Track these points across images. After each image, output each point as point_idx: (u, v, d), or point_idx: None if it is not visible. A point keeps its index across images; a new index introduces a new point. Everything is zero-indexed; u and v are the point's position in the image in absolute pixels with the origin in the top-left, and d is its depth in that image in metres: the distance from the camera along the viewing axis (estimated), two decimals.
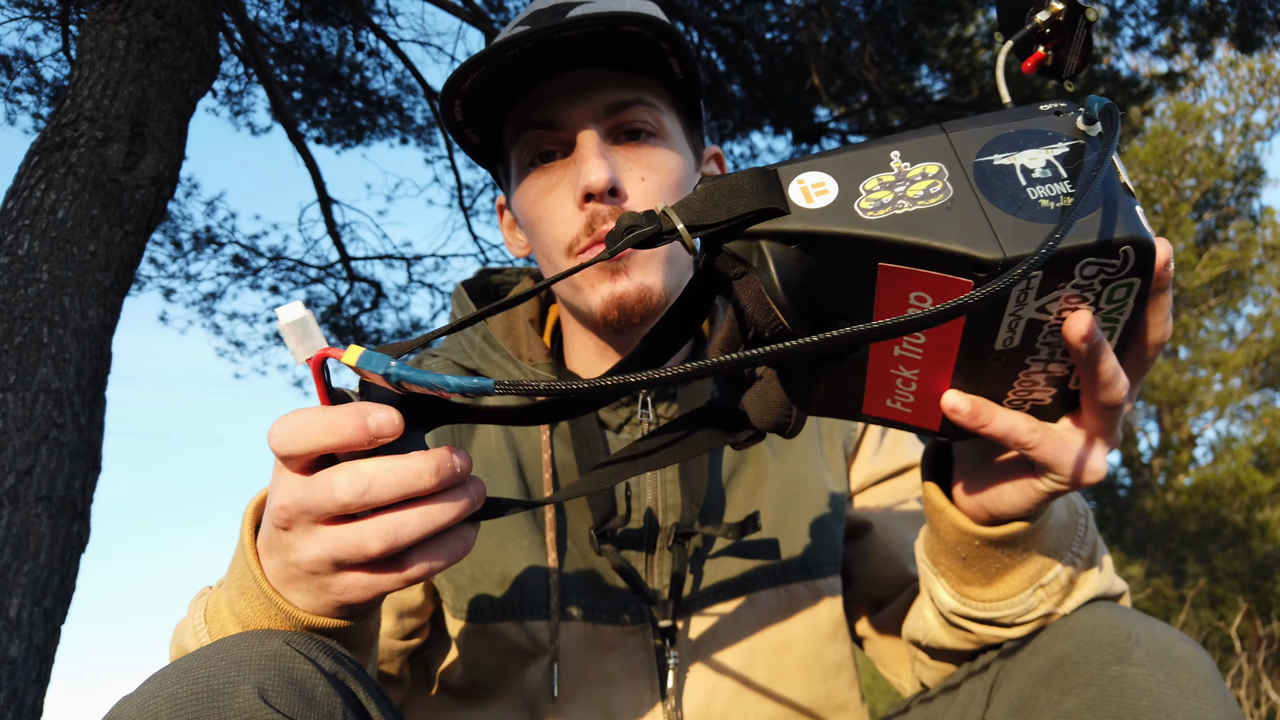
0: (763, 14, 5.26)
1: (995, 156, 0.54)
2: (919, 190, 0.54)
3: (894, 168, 0.55)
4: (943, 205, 0.53)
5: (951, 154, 0.55)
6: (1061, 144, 0.54)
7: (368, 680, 0.67)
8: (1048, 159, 0.54)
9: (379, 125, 6.03)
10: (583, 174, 0.84)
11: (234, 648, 0.60)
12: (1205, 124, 13.74)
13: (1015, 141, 0.54)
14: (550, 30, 0.79)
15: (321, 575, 0.59)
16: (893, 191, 0.54)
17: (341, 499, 0.54)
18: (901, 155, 0.55)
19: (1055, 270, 0.52)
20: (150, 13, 3.10)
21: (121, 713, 0.58)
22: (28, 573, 2.55)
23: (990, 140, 0.55)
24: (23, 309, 2.71)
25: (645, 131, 0.89)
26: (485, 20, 4.64)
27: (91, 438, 2.78)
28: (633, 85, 0.88)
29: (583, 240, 0.86)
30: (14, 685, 2.49)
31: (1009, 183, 0.53)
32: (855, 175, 0.55)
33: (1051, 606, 0.75)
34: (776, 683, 0.92)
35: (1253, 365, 13.48)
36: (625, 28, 0.81)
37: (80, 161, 2.89)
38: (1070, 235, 0.51)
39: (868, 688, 10.43)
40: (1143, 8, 5.22)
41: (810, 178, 0.55)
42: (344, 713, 0.61)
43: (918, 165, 0.55)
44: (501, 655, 0.90)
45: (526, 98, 0.88)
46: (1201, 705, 0.65)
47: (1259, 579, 10.92)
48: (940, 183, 0.54)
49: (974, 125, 0.56)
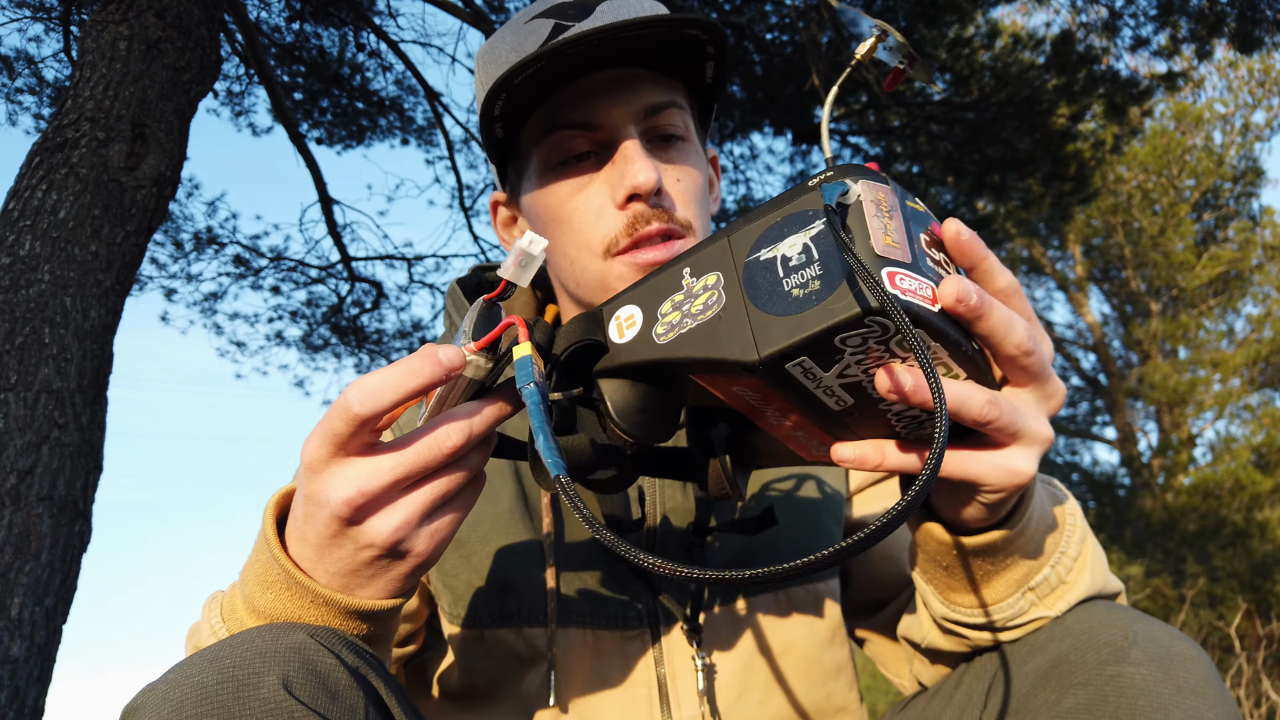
0: (763, 14, 5.27)
1: (762, 252, 0.58)
2: (699, 305, 0.60)
3: (684, 285, 0.61)
4: (716, 316, 0.58)
5: (729, 259, 0.59)
6: (817, 224, 0.56)
7: (388, 676, 0.68)
8: (804, 242, 0.56)
9: (380, 126, 6.03)
10: (630, 174, 0.82)
11: (259, 639, 0.61)
12: (1205, 124, 13.73)
13: (781, 231, 0.57)
14: (620, 28, 0.77)
15: (399, 545, 0.62)
16: (680, 311, 0.60)
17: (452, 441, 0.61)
18: (690, 271, 0.61)
19: (820, 351, 0.56)
20: (151, 13, 3.10)
21: (146, 700, 0.59)
22: (29, 572, 2.55)
23: (760, 235, 0.58)
24: (24, 309, 2.71)
25: (677, 137, 0.88)
26: (486, 21, 4.65)
27: (93, 438, 2.78)
28: (666, 87, 0.87)
29: (622, 241, 0.84)
30: (15, 685, 2.49)
31: (770, 278, 0.57)
32: (654, 301, 0.62)
33: (1044, 609, 0.75)
34: (776, 686, 0.92)
35: (1252, 365, 13.47)
36: (689, 31, 0.80)
37: (81, 162, 2.89)
38: (806, 325, 0.54)
39: (867, 688, 10.42)
40: (1142, 8, 5.22)
41: (624, 312, 0.64)
42: (366, 707, 0.62)
43: (701, 278, 0.60)
44: (499, 662, 0.90)
45: (556, 95, 0.85)
46: (1199, 704, 0.65)
47: (1258, 579, 10.91)
48: (717, 293, 0.59)
49: (753, 220, 0.59)
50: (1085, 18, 5.43)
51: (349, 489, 0.59)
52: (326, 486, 0.59)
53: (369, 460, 0.60)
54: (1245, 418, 13.75)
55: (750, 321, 0.56)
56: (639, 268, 0.84)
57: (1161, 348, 14.27)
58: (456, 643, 0.91)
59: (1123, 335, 15.09)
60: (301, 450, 0.61)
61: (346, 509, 0.59)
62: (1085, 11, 5.40)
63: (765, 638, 0.92)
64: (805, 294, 0.55)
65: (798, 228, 0.56)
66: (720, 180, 1.04)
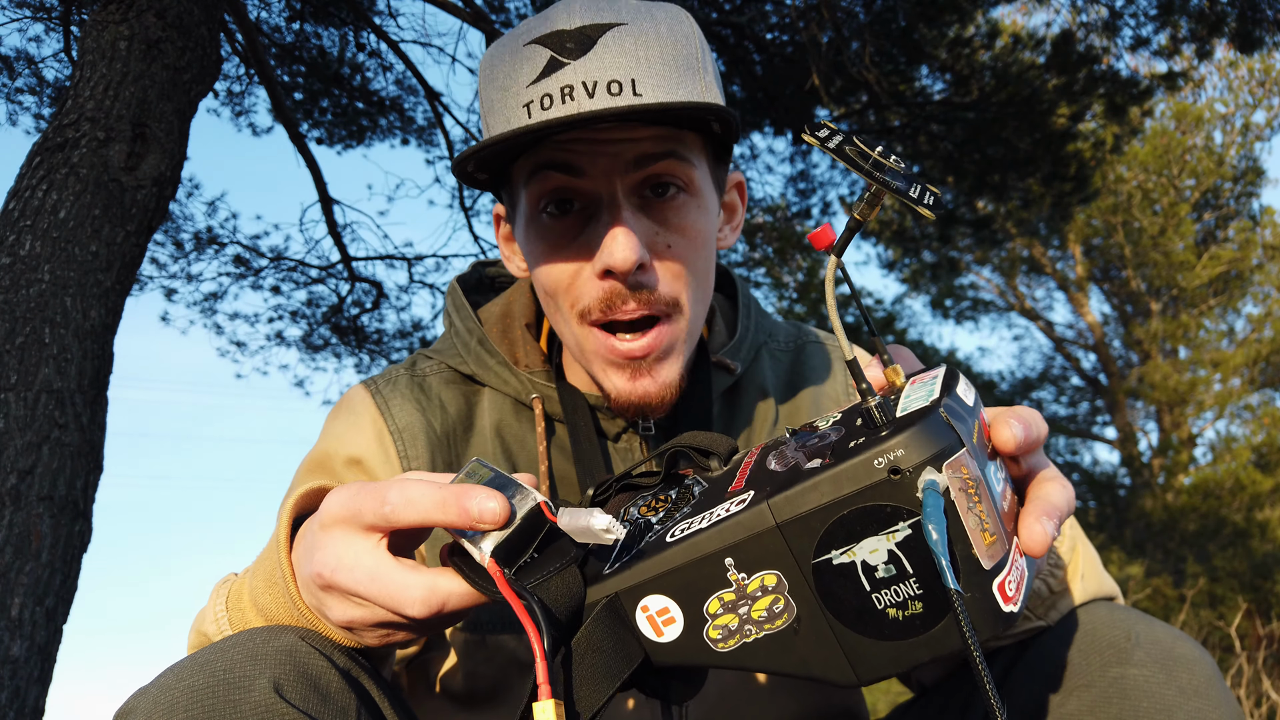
0: (763, 15, 5.26)
1: (834, 554, 0.50)
2: (761, 611, 0.52)
3: (732, 581, 0.52)
4: (790, 628, 0.52)
5: (788, 556, 0.51)
6: (902, 527, 0.49)
7: (380, 678, 0.68)
8: (889, 549, 0.49)
9: (380, 126, 6.03)
10: (607, 251, 0.78)
11: (250, 642, 0.61)
12: (1205, 124, 13.73)
13: (853, 529, 0.49)
14: (603, 115, 0.74)
15: (351, 631, 0.63)
16: (738, 615, 0.53)
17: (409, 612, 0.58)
18: (736, 564, 0.52)
19: None
20: (152, 14, 3.10)
21: (138, 704, 0.59)
22: (29, 572, 2.55)
23: (825, 532, 0.50)
24: (24, 309, 2.71)
25: (675, 187, 0.83)
26: (486, 21, 4.64)
27: (93, 438, 2.78)
28: (665, 137, 0.82)
29: (594, 313, 0.82)
30: (16, 684, 2.49)
31: (852, 590, 0.50)
32: (695, 597, 0.53)
33: (1037, 621, 0.75)
34: (776, 688, 0.92)
35: (1252, 365, 13.47)
36: (687, 114, 0.77)
37: (82, 162, 2.89)
38: (916, 655, 0.50)
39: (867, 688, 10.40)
40: (1142, 8, 5.22)
41: (654, 603, 0.54)
42: (358, 709, 0.62)
43: (755, 576, 0.52)
44: (501, 665, 0.90)
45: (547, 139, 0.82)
46: (1203, 706, 0.65)
47: (1259, 578, 10.91)
48: (782, 599, 0.52)
49: (804, 503, 0.50)
50: (1085, 17, 5.43)
51: (333, 563, 0.59)
52: (323, 548, 0.60)
53: (368, 552, 0.59)
54: (1245, 417, 13.76)
55: (840, 642, 0.51)
56: (616, 358, 0.82)
57: (1162, 347, 14.27)
58: (459, 646, 0.91)
59: (1123, 335, 15.10)
60: (328, 498, 0.61)
61: (322, 580, 0.60)
62: (1085, 11, 5.40)
63: None
64: (906, 618, 0.49)
65: (875, 527, 0.49)
66: (745, 205, 1.00)
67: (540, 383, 0.94)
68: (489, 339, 0.97)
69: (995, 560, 0.49)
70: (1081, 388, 15.50)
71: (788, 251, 7.78)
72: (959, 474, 0.48)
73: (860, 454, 0.49)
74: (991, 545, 0.49)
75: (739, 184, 0.98)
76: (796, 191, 6.61)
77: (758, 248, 7.59)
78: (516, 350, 0.97)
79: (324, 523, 0.60)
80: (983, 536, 0.49)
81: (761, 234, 7.38)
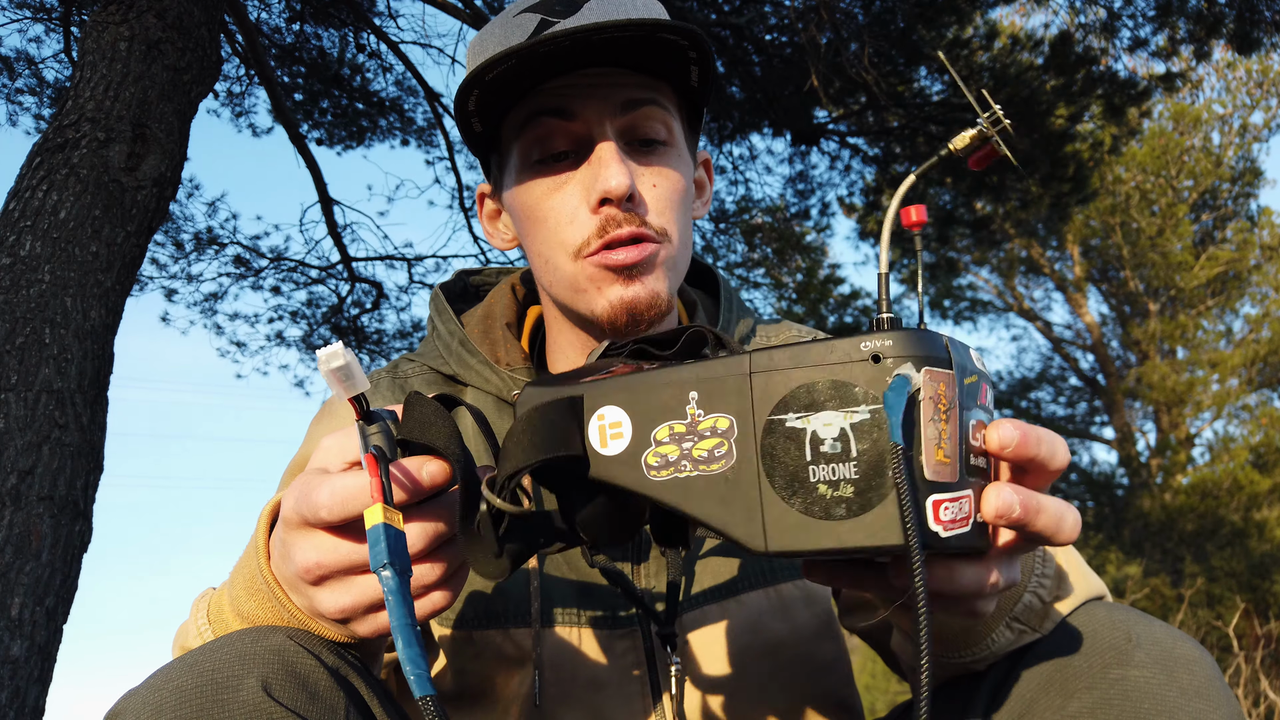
0: (762, 16, 5.27)
1: (790, 416, 0.51)
2: (704, 450, 0.53)
3: (688, 414, 0.54)
4: (723, 476, 0.52)
5: (748, 405, 0.52)
6: (862, 409, 0.49)
7: (370, 676, 0.68)
8: (842, 427, 0.50)
9: (380, 127, 6.03)
10: (602, 178, 0.84)
11: (238, 642, 0.62)
12: (1203, 125, 13.75)
13: (816, 396, 0.50)
14: (591, 30, 0.78)
15: (344, 622, 0.62)
16: (680, 449, 0.54)
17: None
18: (698, 399, 0.54)
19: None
20: (152, 14, 3.10)
21: (127, 706, 0.59)
22: (30, 572, 2.55)
23: (791, 390, 0.51)
24: (25, 309, 2.71)
25: (657, 141, 0.89)
26: (485, 21, 4.65)
27: (93, 438, 2.79)
28: (648, 85, 0.88)
29: (594, 243, 0.85)
30: (16, 684, 2.49)
31: (794, 454, 0.50)
32: (649, 418, 0.55)
33: (1031, 635, 0.73)
34: (770, 683, 0.92)
35: (1250, 365, 13.49)
36: (664, 35, 0.81)
37: (82, 162, 2.89)
38: (827, 538, 0.50)
39: (867, 687, 10.43)
40: (1140, 9, 5.23)
41: (609, 414, 0.56)
42: (347, 707, 0.63)
43: (710, 416, 0.53)
44: (489, 662, 0.90)
45: (539, 88, 0.87)
46: (1204, 706, 0.66)
47: (1257, 578, 10.92)
48: (727, 444, 0.52)
49: (783, 363, 0.51)
50: (1084, 19, 5.44)
51: (311, 556, 0.59)
52: (294, 546, 0.60)
53: (331, 538, 0.60)
54: (1243, 418, 13.78)
55: (763, 503, 0.51)
56: (608, 268, 0.85)
57: (1160, 348, 14.29)
58: (446, 645, 0.91)
59: (1121, 335, 15.11)
60: (284, 495, 0.61)
61: (307, 575, 0.60)
62: (1084, 12, 5.41)
63: (757, 634, 0.92)
64: (833, 498, 0.49)
65: (837, 403, 0.50)
66: (713, 182, 1.05)
67: (522, 379, 0.95)
68: (470, 340, 0.99)
69: (939, 479, 0.49)
70: (1079, 388, 15.52)
71: (787, 252, 7.77)
72: (935, 386, 0.49)
73: (851, 336, 0.51)
74: (940, 465, 0.49)
75: (706, 161, 1.03)
76: (795, 192, 6.61)
77: (757, 248, 7.58)
78: (498, 349, 0.98)
79: (286, 521, 0.61)
80: (935, 451, 0.49)
81: (761, 234, 7.37)
